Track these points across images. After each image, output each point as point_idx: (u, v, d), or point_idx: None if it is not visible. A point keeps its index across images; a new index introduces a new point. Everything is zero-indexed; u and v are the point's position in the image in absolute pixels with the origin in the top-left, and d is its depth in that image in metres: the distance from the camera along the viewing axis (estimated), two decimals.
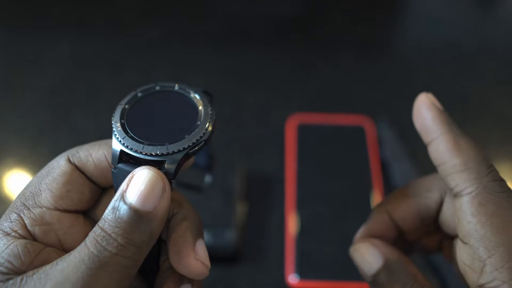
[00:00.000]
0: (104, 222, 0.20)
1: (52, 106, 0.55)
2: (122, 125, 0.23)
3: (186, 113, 0.24)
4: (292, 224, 0.45)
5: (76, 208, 0.23)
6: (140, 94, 0.24)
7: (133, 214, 0.20)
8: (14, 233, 0.21)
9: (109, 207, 0.20)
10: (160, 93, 0.24)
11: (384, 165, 0.50)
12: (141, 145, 0.22)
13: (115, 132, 0.23)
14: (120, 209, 0.20)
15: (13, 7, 0.66)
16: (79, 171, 0.23)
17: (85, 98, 0.56)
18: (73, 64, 0.59)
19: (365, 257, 0.27)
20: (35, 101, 0.56)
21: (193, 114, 0.23)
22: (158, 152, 0.22)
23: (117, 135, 0.22)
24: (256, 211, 0.47)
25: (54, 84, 0.57)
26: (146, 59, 0.60)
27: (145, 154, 0.22)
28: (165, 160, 0.22)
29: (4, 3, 0.66)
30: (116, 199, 0.20)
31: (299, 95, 0.57)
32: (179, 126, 0.23)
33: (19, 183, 0.50)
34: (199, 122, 0.23)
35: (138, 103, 0.24)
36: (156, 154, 0.22)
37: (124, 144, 0.22)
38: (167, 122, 0.23)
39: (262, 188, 0.49)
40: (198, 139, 0.22)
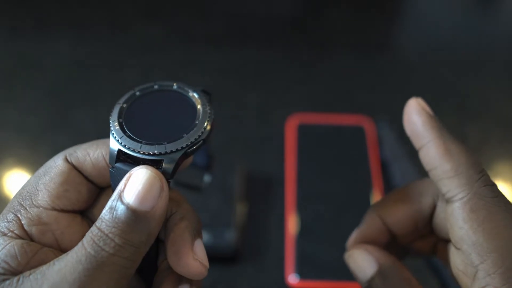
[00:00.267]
0: (102, 222, 0.20)
1: (52, 106, 0.55)
2: (120, 124, 0.23)
3: (184, 112, 0.23)
4: (292, 224, 0.45)
5: (73, 208, 0.23)
6: (138, 93, 0.24)
7: (131, 214, 0.20)
8: (10, 233, 0.21)
9: (106, 207, 0.20)
10: (159, 92, 0.24)
11: (384, 165, 0.50)
12: (139, 144, 0.22)
13: (113, 131, 0.22)
14: (118, 209, 0.20)
15: (13, 7, 0.66)
16: (76, 170, 0.23)
17: (85, 98, 0.56)
18: (73, 64, 0.59)
19: (359, 263, 0.27)
20: (35, 101, 0.56)
21: (191, 113, 0.23)
22: (156, 151, 0.22)
23: (114, 134, 0.22)
24: (256, 211, 0.47)
25: (54, 84, 0.57)
26: (146, 59, 0.60)
27: (143, 153, 0.22)
28: (163, 160, 0.22)
29: (4, 3, 0.66)
30: (114, 199, 0.20)
31: (299, 95, 0.57)
32: (178, 125, 0.23)
33: (19, 182, 0.50)
34: (197, 121, 0.23)
35: (136, 102, 0.24)
36: (154, 154, 0.22)
37: (122, 143, 0.22)
38: (165, 121, 0.23)
39: (262, 188, 0.49)
40: (196, 138, 0.22)
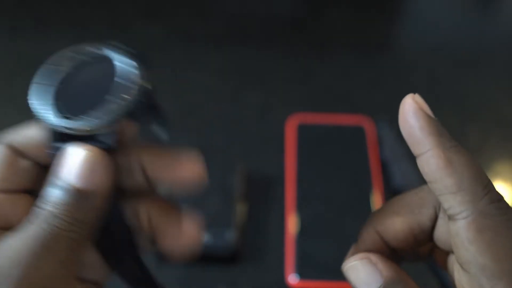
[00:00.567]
0: (45, 202, 0.20)
1: None
2: (49, 104, 0.22)
3: (110, 79, 0.22)
4: (292, 224, 0.45)
5: (18, 188, 0.23)
6: (61, 68, 0.23)
7: (72, 193, 0.20)
8: None
9: (46, 188, 0.20)
10: (84, 63, 0.23)
11: (384, 165, 0.50)
12: (70, 121, 0.21)
13: (41, 111, 0.21)
14: (57, 189, 0.20)
15: (13, 7, 0.66)
16: (17, 152, 0.23)
17: None
18: None
19: (361, 277, 0.24)
20: None
21: (118, 78, 0.22)
22: (88, 126, 0.21)
23: (44, 114, 0.21)
24: (256, 211, 0.47)
25: None
26: None
27: (76, 130, 0.21)
28: (98, 133, 0.21)
29: (4, 3, 0.66)
30: (52, 180, 0.20)
31: (299, 95, 0.57)
32: (107, 94, 0.21)
33: None
34: (127, 84, 0.21)
35: (63, 79, 0.23)
36: (87, 129, 0.21)
37: (53, 123, 0.21)
38: (93, 92, 0.22)
39: (262, 188, 0.49)
40: (127, 102, 0.21)
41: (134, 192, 0.23)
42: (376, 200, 0.47)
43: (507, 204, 0.22)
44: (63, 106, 0.21)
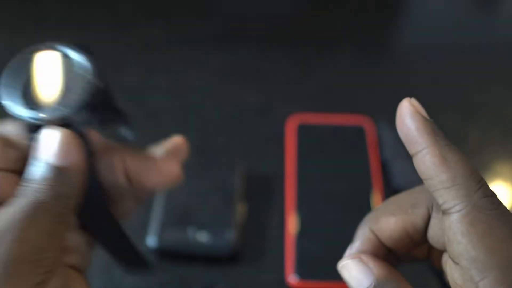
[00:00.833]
0: (28, 180, 0.22)
1: None
2: (18, 99, 0.24)
3: (70, 73, 0.25)
4: (292, 224, 0.45)
5: (6, 167, 0.24)
6: (25, 66, 0.25)
7: (52, 170, 0.22)
8: None
9: (28, 168, 0.23)
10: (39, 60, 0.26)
11: (384, 165, 0.50)
12: (37, 112, 0.23)
13: (12, 108, 0.24)
14: (38, 168, 0.22)
15: (13, 7, 0.66)
16: (3, 140, 0.25)
17: None
18: None
19: (354, 275, 0.25)
20: None
21: (76, 71, 0.25)
22: (54, 115, 0.23)
23: (14, 111, 0.24)
24: (256, 211, 0.47)
25: None
26: (146, 59, 0.60)
27: (42, 120, 0.23)
28: (67, 118, 0.23)
29: (4, 3, 0.66)
30: (33, 161, 0.23)
31: (299, 95, 0.57)
32: (67, 86, 0.24)
33: None
34: (84, 76, 0.24)
35: (27, 76, 0.25)
36: (56, 118, 0.23)
37: (25, 117, 0.23)
38: (56, 86, 0.24)
39: (262, 188, 0.49)
40: (85, 91, 0.24)
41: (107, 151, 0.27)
42: (376, 200, 0.47)
43: (499, 199, 0.22)
44: (31, 100, 0.24)
